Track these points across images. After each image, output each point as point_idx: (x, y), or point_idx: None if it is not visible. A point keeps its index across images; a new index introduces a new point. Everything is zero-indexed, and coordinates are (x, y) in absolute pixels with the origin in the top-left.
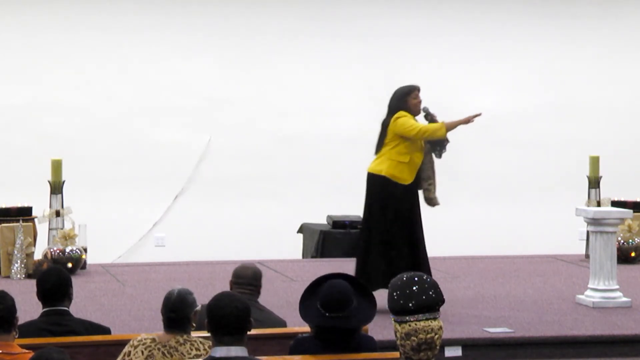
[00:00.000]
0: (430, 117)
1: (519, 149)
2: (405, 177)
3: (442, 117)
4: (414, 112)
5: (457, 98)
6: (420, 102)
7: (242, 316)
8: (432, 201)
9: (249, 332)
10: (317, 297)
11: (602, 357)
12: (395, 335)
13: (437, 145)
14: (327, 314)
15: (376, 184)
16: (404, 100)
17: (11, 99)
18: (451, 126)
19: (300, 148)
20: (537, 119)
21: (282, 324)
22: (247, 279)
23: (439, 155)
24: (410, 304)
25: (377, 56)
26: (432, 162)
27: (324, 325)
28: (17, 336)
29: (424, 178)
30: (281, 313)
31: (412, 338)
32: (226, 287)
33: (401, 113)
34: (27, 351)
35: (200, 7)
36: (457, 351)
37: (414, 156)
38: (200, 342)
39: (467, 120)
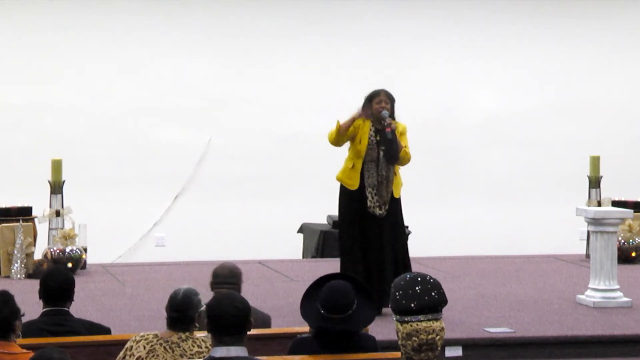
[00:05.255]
0: (383, 123)
1: (519, 149)
2: (352, 183)
3: (443, 117)
4: (377, 117)
5: (458, 98)
6: (382, 107)
7: (242, 316)
8: (370, 209)
9: (248, 332)
10: (318, 297)
11: (603, 357)
12: (397, 335)
13: (385, 149)
14: (328, 316)
15: (339, 190)
16: (370, 104)
17: (11, 99)
18: (344, 125)
19: (300, 148)
20: (537, 119)
21: (267, 320)
22: (224, 277)
23: (390, 161)
24: (413, 305)
25: (377, 56)
26: (381, 172)
27: (324, 327)
28: (19, 337)
29: (366, 186)
30: (281, 313)
31: (414, 338)
32: None
33: None
34: (26, 351)
35: (200, 7)
36: (457, 351)
37: (356, 162)
38: (203, 339)
39: (358, 114)
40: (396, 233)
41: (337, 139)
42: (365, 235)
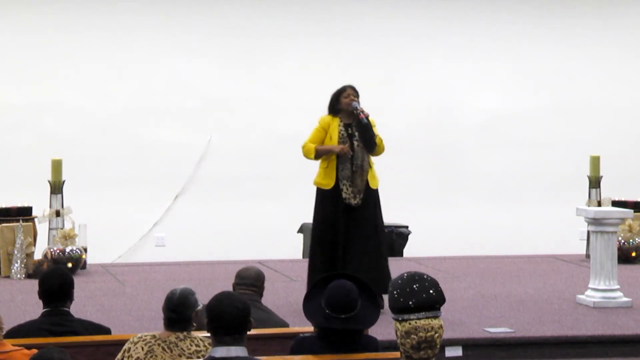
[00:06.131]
0: (356, 115)
1: (520, 149)
2: (327, 182)
3: (443, 117)
4: (347, 110)
5: (458, 98)
6: (351, 100)
7: (242, 316)
8: (346, 200)
9: (248, 332)
10: (322, 296)
11: (603, 357)
12: (396, 334)
13: (361, 135)
14: (332, 315)
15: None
16: (338, 100)
17: (11, 99)
18: (321, 151)
19: (300, 148)
20: (538, 119)
21: (285, 325)
22: (250, 279)
23: (367, 146)
24: (411, 302)
25: (376, 56)
26: (356, 162)
27: (328, 327)
28: (3, 334)
29: (340, 179)
30: (281, 313)
31: (412, 336)
32: (226, 287)
33: (319, 120)
34: (18, 348)
35: (200, 7)
36: (457, 351)
37: (329, 161)
38: (201, 339)
39: (339, 150)
40: (376, 223)
41: (311, 159)
42: (338, 229)
